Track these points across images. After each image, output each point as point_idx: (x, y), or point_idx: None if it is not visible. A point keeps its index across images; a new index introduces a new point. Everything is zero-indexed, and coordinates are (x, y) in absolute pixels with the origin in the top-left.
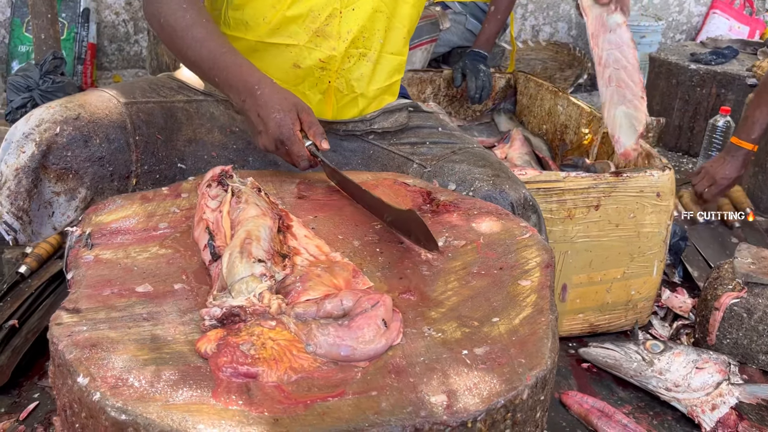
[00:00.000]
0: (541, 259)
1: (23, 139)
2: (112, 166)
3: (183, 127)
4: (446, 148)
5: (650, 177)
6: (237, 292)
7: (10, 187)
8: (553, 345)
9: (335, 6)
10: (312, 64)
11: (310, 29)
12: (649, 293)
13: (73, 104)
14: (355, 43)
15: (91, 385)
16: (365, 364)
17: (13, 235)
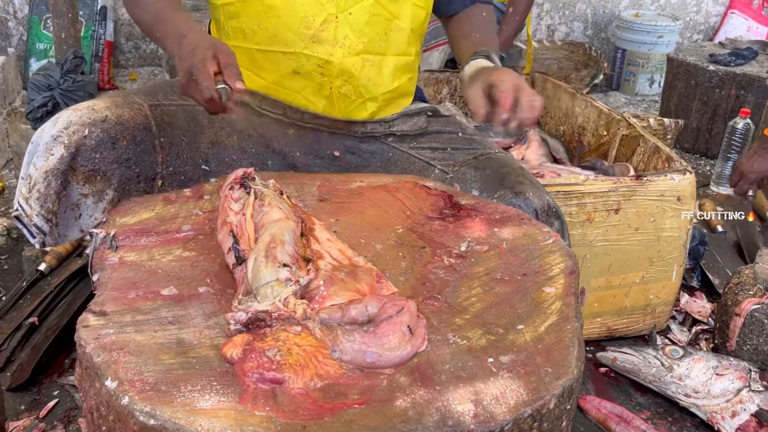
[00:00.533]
0: (565, 265)
1: (52, 142)
2: (138, 167)
3: (205, 129)
4: (468, 154)
5: (671, 181)
6: (262, 296)
7: (40, 190)
8: (579, 353)
9: (330, 11)
10: (311, 69)
11: (305, 35)
12: (668, 298)
13: (100, 106)
14: (354, 49)
15: (119, 388)
16: (391, 371)
17: (42, 238)
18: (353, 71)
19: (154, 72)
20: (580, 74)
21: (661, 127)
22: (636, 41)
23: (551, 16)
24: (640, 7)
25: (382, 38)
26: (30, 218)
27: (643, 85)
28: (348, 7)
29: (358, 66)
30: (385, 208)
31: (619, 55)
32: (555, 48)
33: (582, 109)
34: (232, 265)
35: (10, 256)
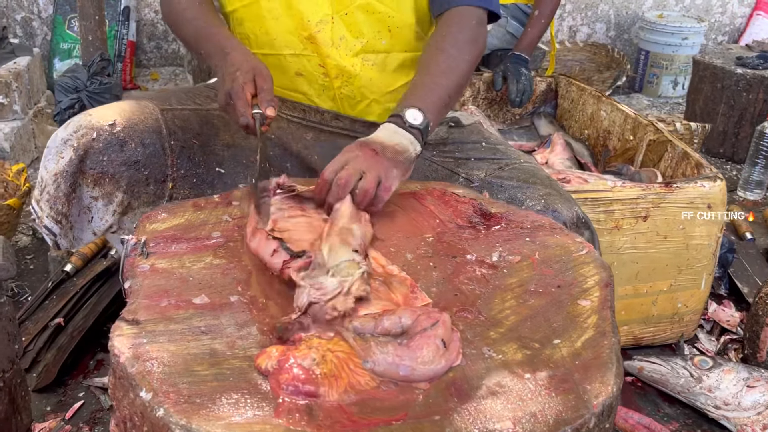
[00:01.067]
0: (600, 277)
1: (62, 145)
2: (147, 169)
3: (220, 132)
4: (493, 164)
5: (701, 188)
6: (337, 271)
7: (50, 192)
8: (618, 370)
9: (326, 12)
10: (313, 70)
11: (302, 36)
12: (696, 306)
13: (110, 111)
14: (352, 50)
15: (154, 400)
16: (426, 385)
17: (54, 239)
18: (352, 72)
19: (176, 72)
20: (603, 76)
21: (687, 131)
22: (660, 43)
23: (573, 17)
24: (664, 8)
25: (385, 36)
26: (41, 220)
27: (666, 88)
28: (344, 7)
29: (357, 66)
30: (413, 215)
31: (643, 57)
32: (577, 49)
33: (607, 113)
34: (283, 262)
35: (36, 257)
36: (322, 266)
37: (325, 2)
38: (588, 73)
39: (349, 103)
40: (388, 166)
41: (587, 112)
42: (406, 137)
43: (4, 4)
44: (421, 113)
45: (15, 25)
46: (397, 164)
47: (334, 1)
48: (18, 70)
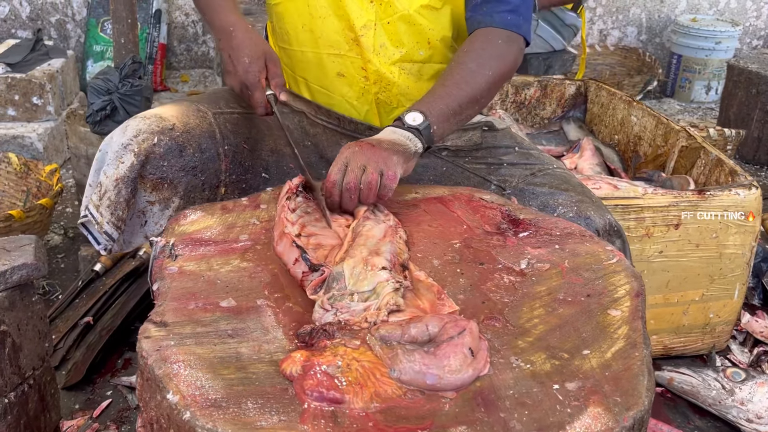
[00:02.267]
0: (631, 287)
1: (122, 150)
2: (204, 175)
3: (266, 137)
4: (525, 170)
5: (735, 196)
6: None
7: (110, 198)
8: (649, 383)
9: (370, 17)
10: (354, 72)
11: (349, 37)
12: (729, 317)
13: (167, 115)
14: (391, 58)
15: (181, 403)
16: (452, 394)
17: (110, 245)
18: (390, 79)
19: (205, 74)
20: (633, 80)
21: (721, 137)
22: (693, 47)
23: (604, 21)
24: (697, 11)
25: (423, 47)
26: (101, 225)
27: (699, 93)
28: (387, 16)
29: (395, 74)
30: (441, 221)
31: (675, 61)
32: (607, 53)
33: (638, 118)
34: (302, 273)
35: (66, 255)
36: (341, 284)
37: (370, 8)
38: (618, 77)
39: (385, 108)
40: (387, 155)
41: (617, 117)
42: (403, 135)
43: (39, 7)
44: (422, 115)
45: (50, 27)
46: (396, 152)
47: (379, 9)
48: (52, 72)
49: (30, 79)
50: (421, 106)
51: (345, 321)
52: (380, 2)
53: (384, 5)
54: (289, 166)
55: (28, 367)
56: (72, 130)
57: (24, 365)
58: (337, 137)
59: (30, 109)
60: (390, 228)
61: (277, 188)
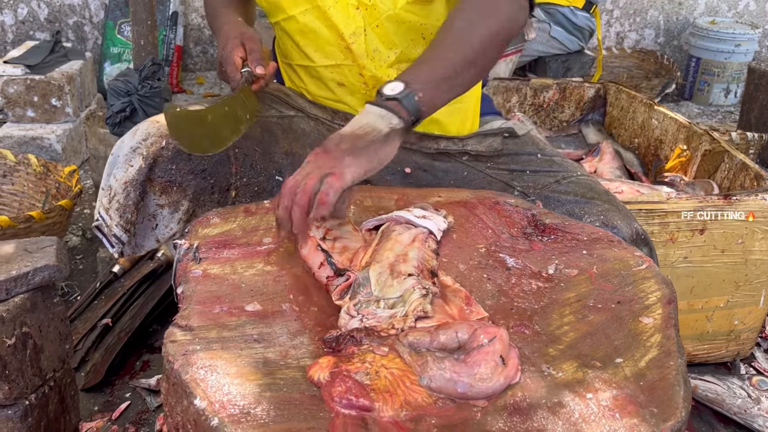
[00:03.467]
0: (662, 293)
1: (131, 153)
2: (213, 178)
3: (279, 140)
4: (549, 177)
5: (762, 201)
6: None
7: (119, 200)
8: (686, 394)
9: (358, 24)
10: (353, 80)
11: (341, 47)
12: (754, 324)
13: None
14: (386, 61)
15: (209, 409)
16: (484, 403)
17: (120, 248)
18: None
19: None
20: (651, 83)
21: (743, 141)
22: (711, 49)
23: (621, 23)
24: (716, 14)
25: (419, 44)
26: (110, 228)
27: (718, 96)
28: (374, 19)
29: (393, 77)
30: (465, 225)
31: (693, 64)
32: (624, 56)
33: (659, 122)
34: (327, 278)
35: (85, 257)
36: (367, 290)
37: (357, 15)
38: (636, 80)
39: None
40: (337, 157)
41: (638, 121)
42: (374, 114)
43: (57, 9)
44: (403, 83)
45: (67, 29)
46: (354, 151)
47: (366, 14)
48: (71, 74)
49: (49, 80)
50: (403, 75)
51: (372, 327)
52: (365, 7)
53: (369, 9)
54: None
55: (49, 368)
56: (91, 131)
57: (45, 367)
58: None
59: (49, 110)
60: (421, 234)
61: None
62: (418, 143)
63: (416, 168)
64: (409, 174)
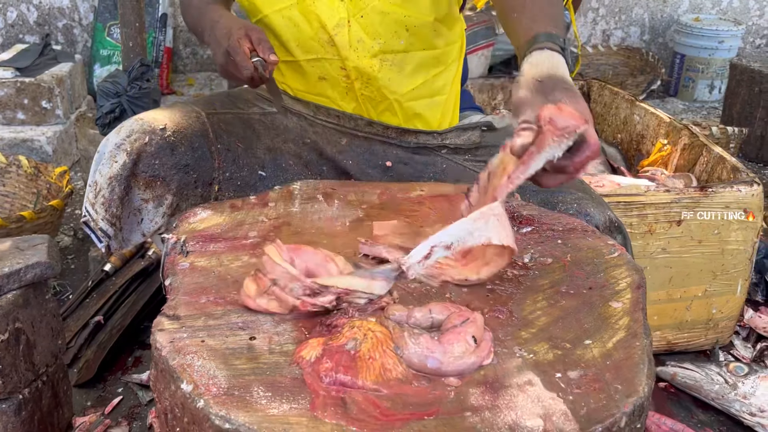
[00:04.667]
0: (632, 279)
1: (115, 150)
2: (196, 173)
3: (262, 136)
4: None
5: (737, 192)
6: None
7: (105, 195)
8: (649, 371)
9: (342, 15)
10: (335, 74)
11: (323, 40)
12: (732, 312)
13: (160, 115)
14: (370, 51)
15: (194, 392)
16: (457, 382)
17: (107, 242)
18: (371, 73)
19: (211, 77)
20: (636, 80)
21: (724, 135)
22: (696, 46)
23: (606, 21)
24: (700, 11)
25: (402, 36)
26: (96, 223)
27: (702, 92)
28: (359, 10)
29: (375, 67)
30: (446, 217)
31: (678, 61)
32: (610, 53)
33: (641, 117)
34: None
35: (77, 256)
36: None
37: (341, 6)
38: (621, 77)
39: (372, 104)
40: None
41: (620, 116)
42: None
43: (46, 12)
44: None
45: (57, 32)
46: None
47: (350, 5)
48: (60, 76)
49: (39, 83)
50: (550, 28)
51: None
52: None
53: (354, 1)
54: (288, 162)
55: (41, 364)
56: (81, 132)
57: (38, 362)
58: (336, 135)
59: (39, 112)
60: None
61: (284, 186)
62: (399, 138)
63: (397, 161)
64: (390, 167)
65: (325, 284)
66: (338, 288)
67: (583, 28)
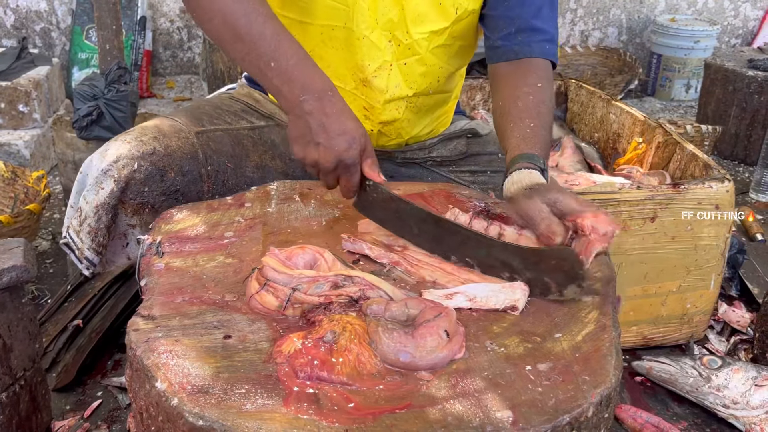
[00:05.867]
0: (602, 274)
1: (102, 176)
2: (185, 198)
3: (250, 153)
4: None
5: (709, 189)
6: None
7: (91, 224)
8: (617, 362)
9: (386, 59)
10: (355, 110)
11: (358, 77)
12: (706, 307)
13: (148, 137)
14: (404, 96)
15: (169, 390)
16: (429, 376)
17: (92, 270)
18: (396, 116)
19: (191, 80)
20: (615, 80)
21: (698, 133)
22: (672, 46)
23: (585, 22)
24: (676, 11)
25: (434, 86)
26: (81, 251)
27: (679, 91)
28: (404, 57)
29: (401, 110)
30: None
31: (655, 61)
32: (589, 53)
33: (617, 116)
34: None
35: (55, 260)
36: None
37: (387, 49)
38: (600, 77)
39: (384, 139)
40: None
41: (597, 116)
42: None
43: (23, 16)
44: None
45: (34, 35)
46: None
47: (396, 50)
48: (38, 80)
49: (16, 86)
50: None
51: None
52: (398, 44)
53: (402, 47)
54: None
55: (19, 368)
56: (59, 136)
57: (15, 366)
58: None
59: (16, 116)
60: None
61: (261, 187)
62: (386, 154)
63: (384, 175)
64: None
65: (350, 275)
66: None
67: (562, 28)
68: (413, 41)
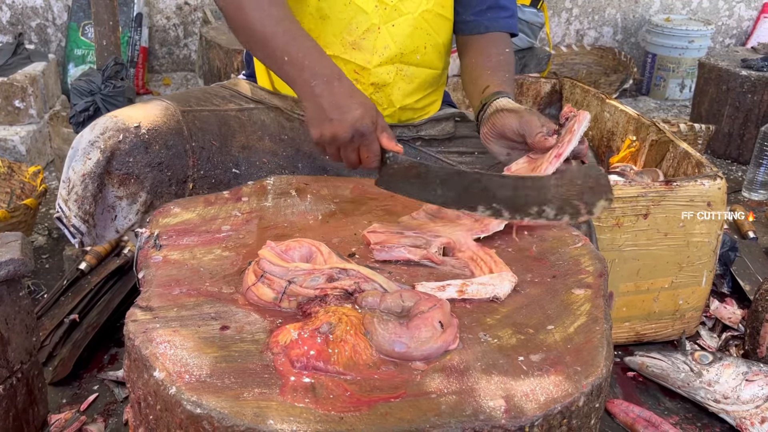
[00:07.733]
0: (594, 268)
1: (89, 147)
2: (170, 171)
3: (236, 134)
4: (494, 159)
5: (701, 186)
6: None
7: (77, 192)
8: (608, 354)
9: (374, 21)
10: (347, 75)
11: (346, 41)
12: (698, 303)
13: (134, 113)
14: (392, 60)
15: (167, 379)
16: (423, 366)
17: (80, 238)
18: (386, 79)
19: (187, 77)
20: (609, 79)
21: (691, 132)
22: (667, 46)
23: (580, 21)
24: (671, 11)
25: (420, 51)
26: (69, 219)
27: (673, 90)
28: (392, 19)
29: (392, 74)
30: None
31: (650, 60)
32: (584, 53)
33: (611, 115)
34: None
35: (51, 256)
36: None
37: (374, 12)
38: (595, 76)
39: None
40: None
41: (591, 114)
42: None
43: (19, 12)
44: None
45: (30, 32)
46: None
47: (383, 14)
48: (34, 75)
49: (12, 82)
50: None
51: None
52: (384, 6)
53: (389, 9)
54: (262, 160)
55: (16, 360)
56: (55, 131)
57: (12, 359)
58: None
59: (12, 112)
60: None
61: (257, 182)
62: None
63: None
64: None
65: (345, 268)
66: (360, 273)
67: (557, 28)
68: (399, 1)
